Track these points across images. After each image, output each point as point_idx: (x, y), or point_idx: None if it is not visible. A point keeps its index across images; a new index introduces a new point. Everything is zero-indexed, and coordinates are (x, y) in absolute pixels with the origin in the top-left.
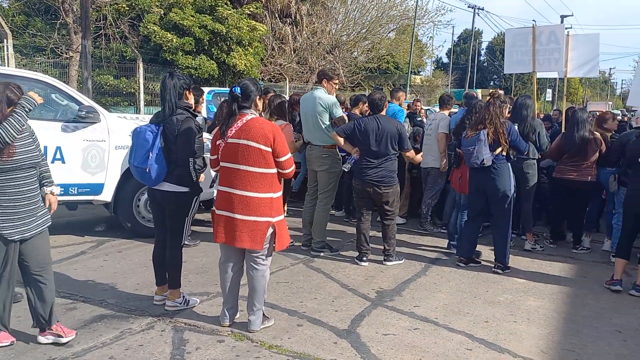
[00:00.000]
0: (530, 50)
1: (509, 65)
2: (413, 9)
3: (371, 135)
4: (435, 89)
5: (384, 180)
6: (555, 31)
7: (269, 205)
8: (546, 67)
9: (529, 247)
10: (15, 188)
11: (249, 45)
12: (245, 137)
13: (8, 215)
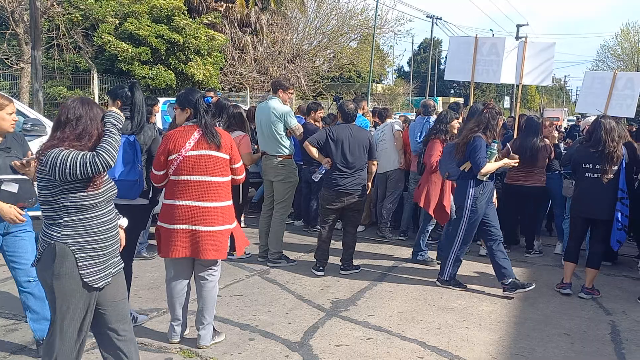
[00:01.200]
0: (471, 59)
1: (450, 72)
2: (373, 19)
3: (345, 145)
4: (396, 97)
5: (358, 188)
6: (496, 44)
7: (228, 213)
8: (484, 77)
9: (484, 253)
10: (102, 225)
11: (208, 54)
12: (206, 148)
13: (94, 259)
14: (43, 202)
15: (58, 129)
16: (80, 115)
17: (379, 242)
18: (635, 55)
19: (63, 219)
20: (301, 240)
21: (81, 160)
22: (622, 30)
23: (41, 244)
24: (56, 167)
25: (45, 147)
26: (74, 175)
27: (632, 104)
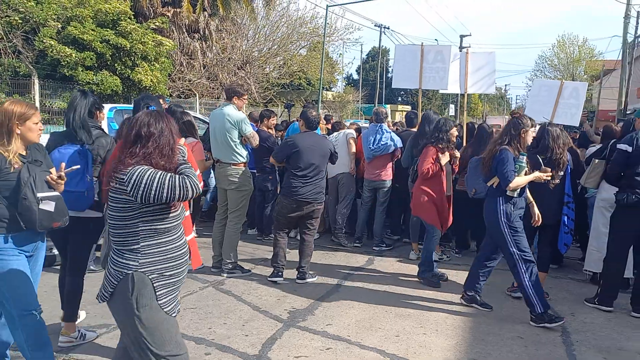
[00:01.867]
0: (418, 67)
1: (397, 80)
2: (323, 27)
3: (308, 153)
4: (346, 104)
5: (319, 196)
6: (442, 51)
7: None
8: (431, 85)
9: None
10: (177, 250)
11: (155, 60)
12: None
13: (170, 286)
14: (116, 225)
15: (137, 143)
16: (163, 129)
17: (334, 249)
18: (570, 66)
19: (140, 244)
20: (255, 249)
21: (170, 182)
22: (558, 42)
23: (112, 275)
24: (140, 188)
25: (124, 164)
26: (159, 198)
27: (577, 113)
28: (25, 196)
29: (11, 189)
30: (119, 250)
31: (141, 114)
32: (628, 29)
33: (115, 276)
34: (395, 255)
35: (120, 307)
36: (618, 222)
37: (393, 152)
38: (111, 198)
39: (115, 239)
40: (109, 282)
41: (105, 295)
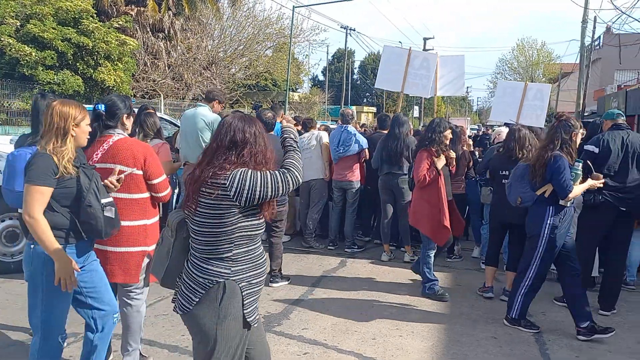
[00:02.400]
0: (402, 70)
1: (380, 81)
2: (289, 28)
3: None
4: (313, 105)
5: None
6: (428, 58)
7: (143, 234)
8: (413, 90)
9: (408, 259)
10: (261, 257)
11: (119, 60)
12: (112, 161)
13: (254, 295)
14: (208, 233)
15: (232, 149)
16: (256, 133)
17: (305, 252)
18: (529, 69)
19: (233, 251)
20: None
21: (272, 178)
22: (518, 45)
23: (199, 284)
24: (245, 189)
25: (223, 169)
26: (264, 196)
27: (542, 115)
28: (89, 203)
29: (71, 197)
30: (207, 259)
31: (232, 119)
32: (585, 33)
33: (203, 285)
34: (367, 257)
35: (203, 317)
36: (585, 222)
37: (359, 153)
38: (205, 205)
39: (203, 247)
40: (193, 291)
41: (187, 306)
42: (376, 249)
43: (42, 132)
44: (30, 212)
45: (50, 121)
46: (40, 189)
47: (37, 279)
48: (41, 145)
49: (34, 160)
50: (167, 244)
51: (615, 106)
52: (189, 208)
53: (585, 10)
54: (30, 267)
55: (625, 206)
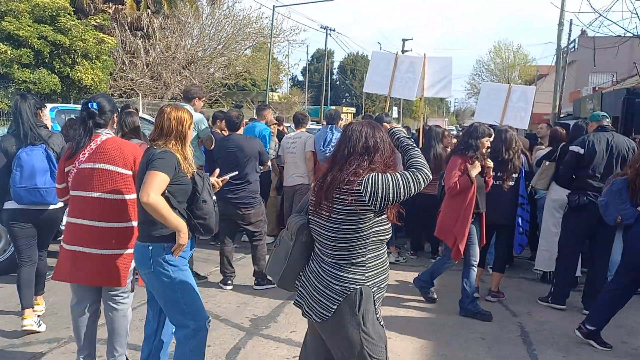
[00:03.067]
0: (390, 74)
1: (369, 85)
2: (268, 27)
3: (229, 155)
4: (292, 105)
5: (245, 201)
6: (414, 62)
7: (129, 236)
8: (400, 93)
9: (393, 260)
10: (387, 261)
11: (97, 58)
12: (101, 160)
13: (382, 297)
14: (342, 239)
15: (364, 155)
16: (383, 138)
17: None
18: (506, 71)
19: (366, 256)
20: (210, 254)
21: (403, 180)
22: (494, 48)
23: (335, 292)
24: (379, 193)
25: (356, 175)
26: (397, 198)
27: (526, 117)
28: (205, 199)
29: (187, 194)
30: (341, 265)
31: (361, 125)
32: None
33: (341, 292)
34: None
35: (344, 325)
36: (570, 223)
37: None
38: (339, 211)
39: (336, 252)
40: (330, 299)
41: (326, 314)
42: None
43: (153, 134)
44: (154, 192)
45: (168, 125)
46: (163, 175)
47: (162, 278)
48: (158, 145)
49: (161, 154)
50: (285, 247)
51: (591, 108)
52: (319, 214)
53: (561, 12)
54: (148, 268)
55: None
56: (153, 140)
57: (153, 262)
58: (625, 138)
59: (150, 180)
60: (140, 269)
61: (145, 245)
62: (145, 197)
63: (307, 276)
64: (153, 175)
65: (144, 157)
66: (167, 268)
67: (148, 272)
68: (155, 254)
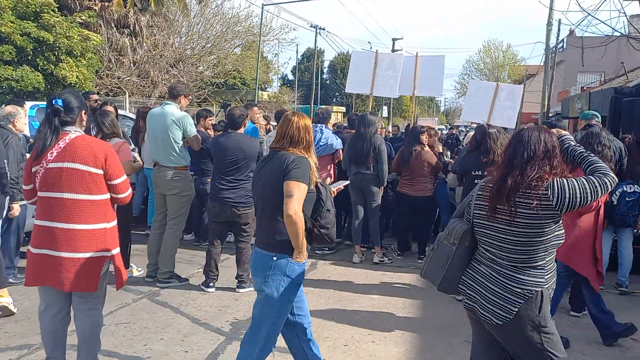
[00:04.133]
0: (371, 73)
1: (350, 85)
2: (258, 26)
3: (228, 154)
4: (282, 104)
5: (243, 201)
6: (394, 59)
7: (102, 238)
8: (382, 91)
9: (377, 260)
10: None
11: (82, 56)
12: (70, 159)
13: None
14: (528, 242)
15: (545, 158)
16: (557, 144)
17: None
18: (495, 70)
19: (546, 259)
20: (193, 255)
21: (589, 184)
22: (484, 47)
23: (519, 292)
24: (566, 196)
25: (540, 179)
26: (584, 201)
27: (513, 116)
28: (329, 208)
29: (312, 203)
30: (519, 268)
31: (535, 129)
32: (550, 35)
33: (522, 295)
34: (339, 259)
35: (524, 327)
36: None
37: (334, 154)
38: (524, 215)
39: (517, 256)
40: (511, 302)
41: (507, 316)
42: (347, 250)
43: (280, 143)
44: (299, 206)
45: (298, 134)
46: (303, 186)
47: (274, 289)
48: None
49: (298, 162)
50: (446, 251)
51: (579, 107)
52: (494, 219)
53: (550, 12)
54: (264, 277)
55: None
56: (282, 148)
57: (272, 273)
58: (613, 137)
59: (296, 192)
60: (256, 275)
61: (270, 254)
62: (292, 211)
63: (477, 279)
64: (296, 186)
65: (270, 161)
66: (284, 283)
67: (262, 281)
68: (277, 265)
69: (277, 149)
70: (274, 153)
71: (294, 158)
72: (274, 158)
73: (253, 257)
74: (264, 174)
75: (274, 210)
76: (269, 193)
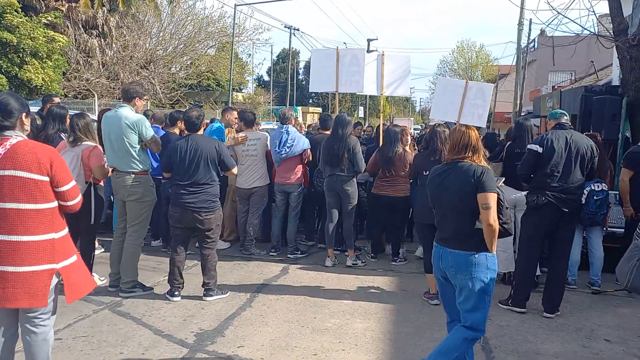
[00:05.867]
0: (334, 71)
1: (313, 84)
2: (231, 26)
3: (187, 158)
4: (257, 106)
5: (205, 206)
6: (357, 54)
7: (49, 249)
8: (348, 88)
9: (350, 263)
10: None
11: (48, 57)
12: (11, 167)
13: None
14: None
15: None
16: None
17: (246, 259)
18: (469, 70)
19: None
20: (159, 262)
21: None
22: (458, 47)
23: None
24: None
25: None
26: None
27: (484, 114)
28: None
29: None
30: None
31: None
32: (522, 35)
33: None
34: (311, 263)
35: None
36: (528, 223)
37: (302, 155)
38: None
39: None
40: None
41: None
42: (320, 253)
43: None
44: (495, 216)
45: (475, 144)
46: (496, 195)
47: (481, 282)
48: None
49: (487, 171)
50: None
51: (550, 106)
52: None
53: (521, 12)
54: (470, 274)
55: (567, 207)
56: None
57: (477, 269)
58: (584, 136)
59: (492, 203)
60: (459, 274)
61: (469, 253)
62: (492, 221)
63: None
64: (491, 197)
65: (453, 171)
66: (488, 274)
67: (468, 278)
68: (479, 262)
69: (458, 159)
70: (454, 164)
71: (482, 170)
72: (457, 168)
73: (447, 258)
74: (450, 184)
75: (465, 215)
76: (459, 202)
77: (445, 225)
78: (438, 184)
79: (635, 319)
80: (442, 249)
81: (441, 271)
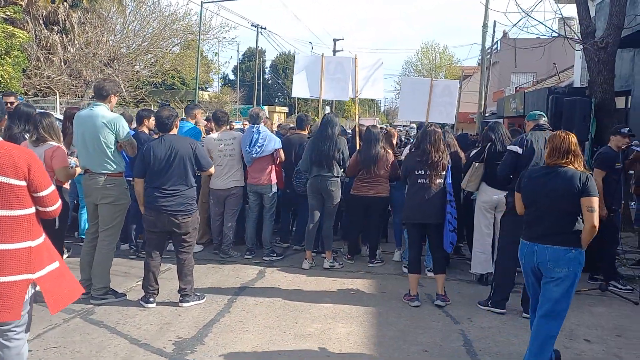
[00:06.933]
0: (318, 77)
1: (297, 89)
2: (197, 24)
3: (162, 159)
4: (224, 105)
5: (181, 209)
6: (342, 63)
7: (25, 258)
8: (332, 95)
9: (328, 265)
10: None
11: (7, 54)
12: None
13: None
14: None
15: None
16: None
17: (221, 262)
18: (433, 71)
19: None
20: (130, 267)
21: None
22: (422, 48)
23: None
24: None
25: None
26: None
27: (452, 111)
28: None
29: None
30: None
31: None
32: (486, 37)
33: None
34: (288, 265)
35: None
36: (508, 224)
37: (274, 154)
38: None
39: None
40: None
41: None
42: (296, 255)
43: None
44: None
45: (573, 149)
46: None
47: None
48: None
49: (590, 177)
50: None
51: (514, 107)
52: None
53: (486, 14)
54: (567, 269)
55: None
56: (566, 163)
57: (574, 264)
58: None
59: (596, 206)
60: (557, 268)
61: (568, 249)
62: (596, 222)
63: None
64: (595, 202)
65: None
66: (579, 268)
67: (566, 270)
68: (575, 257)
69: (560, 164)
70: (555, 168)
71: (587, 176)
72: (560, 173)
73: (543, 253)
74: (554, 187)
75: (566, 216)
76: (561, 202)
77: (542, 224)
78: (539, 186)
79: (610, 318)
80: (537, 245)
81: (533, 265)
